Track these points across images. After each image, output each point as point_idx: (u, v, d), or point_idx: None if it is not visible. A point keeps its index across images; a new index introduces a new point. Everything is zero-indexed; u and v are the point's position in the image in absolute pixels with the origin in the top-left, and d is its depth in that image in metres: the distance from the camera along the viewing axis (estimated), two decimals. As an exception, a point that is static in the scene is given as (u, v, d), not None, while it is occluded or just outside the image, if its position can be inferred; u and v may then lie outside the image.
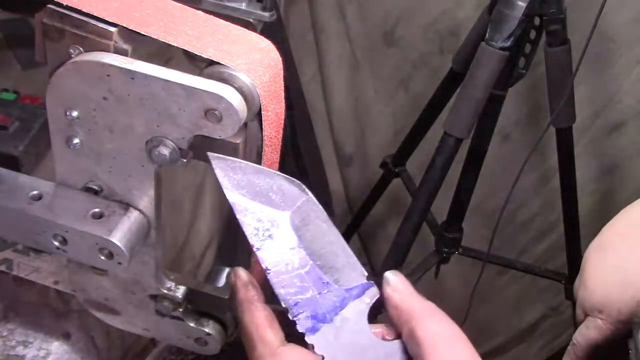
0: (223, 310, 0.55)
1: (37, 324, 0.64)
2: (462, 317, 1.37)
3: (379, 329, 0.45)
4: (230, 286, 0.46)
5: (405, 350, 0.43)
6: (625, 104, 1.31)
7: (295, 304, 0.43)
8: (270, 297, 0.45)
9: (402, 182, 1.44)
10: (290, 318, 0.44)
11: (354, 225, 1.67)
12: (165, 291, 0.54)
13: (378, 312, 0.45)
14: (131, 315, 0.57)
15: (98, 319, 0.59)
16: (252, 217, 0.44)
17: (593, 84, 1.30)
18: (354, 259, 0.45)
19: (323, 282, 0.44)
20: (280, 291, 0.44)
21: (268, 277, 0.43)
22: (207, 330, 0.55)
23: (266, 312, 0.44)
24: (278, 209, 0.45)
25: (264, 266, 0.43)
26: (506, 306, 1.63)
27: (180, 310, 0.55)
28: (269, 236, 0.44)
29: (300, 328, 0.43)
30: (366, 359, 0.43)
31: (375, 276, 0.45)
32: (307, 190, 0.45)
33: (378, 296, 0.45)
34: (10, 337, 0.63)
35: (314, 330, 0.43)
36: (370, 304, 0.44)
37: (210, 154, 0.44)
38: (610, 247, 0.59)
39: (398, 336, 0.44)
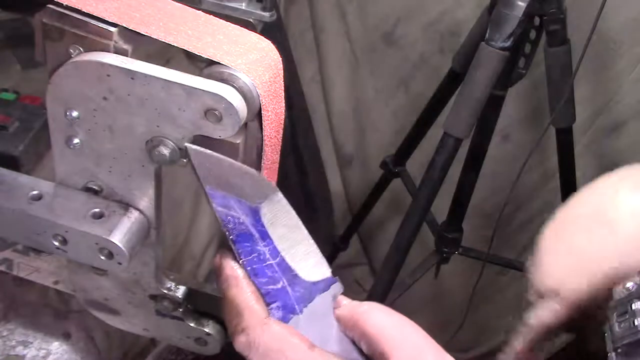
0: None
1: (37, 324, 0.64)
2: (462, 317, 1.37)
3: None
4: (215, 267, 0.46)
5: None
6: (625, 104, 1.31)
7: (267, 293, 0.44)
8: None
9: (402, 182, 1.44)
10: None
11: (354, 226, 1.67)
12: (165, 291, 0.54)
13: None
14: (131, 315, 0.57)
15: (98, 319, 0.59)
16: (227, 208, 0.45)
17: (593, 84, 1.30)
18: (319, 255, 0.47)
19: (292, 274, 0.45)
20: (252, 280, 0.44)
21: (243, 267, 0.45)
22: (207, 330, 0.55)
23: (253, 288, 0.44)
24: (251, 202, 0.46)
25: (237, 255, 0.44)
26: (506, 306, 1.63)
27: (180, 310, 0.55)
28: (242, 226, 0.45)
29: (271, 317, 0.44)
30: (334, 352, 0.44)
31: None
32: (277, 188, 0.47)
33: (342, 291, 0.47)
34: (10, 337, 0.63)
35: (284, 320, 0.44)
36: (336, 298, 0.46)
37: (188, 145, 0.45)
38: (566, 230, 0.59)
39: None
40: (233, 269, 0.45)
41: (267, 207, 0.46)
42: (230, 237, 0.44)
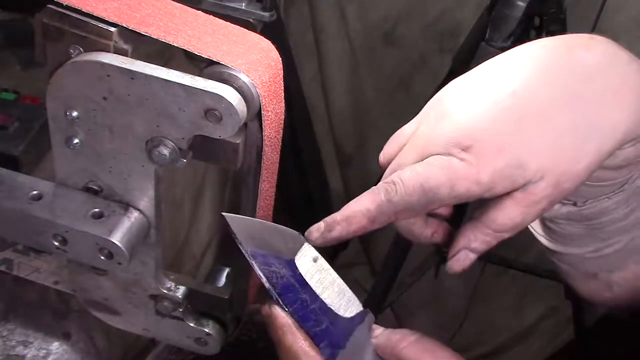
0: (223, 310, 0.55)
1: (37, 324, 0.64)
2: (462, 317, 1.38)
3: None
4: (264, 316, 0.49)
5: None
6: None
7: (315, 335, 0.47)
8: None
9: (402, 182, 1.43)
10: None
11: (354, 225, 1.67)
12: (165, 291, 0.54)
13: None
14: (131, 315, 0.57)
15: (98, 319, 0.59)
16: (268, 266, 0.48)
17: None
18: (349, 292, 0.51)
19: (332, 314, 0.48)
20: (302, 325, 0.48)
21: (290, 315, 0.48)
22: (207, 330, 0.55)
23: (305, 334, 0.47)
24: (285, 256, 0.49)
25: (283, 306, 0.47)
26: (506, 306, 1.63)
27: (180, 310, 0.55)
28: (284, 279, 0.48)
29: (323, 356, 0.47)
30: None
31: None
32: (302, 237, 0.50)
33: (374, 320, 0.50)
34: (10, 337, 0.63)
35: (333, 356, 0.47)
36: (371, 327, 0.50)
37: (225, 214, 0.47)
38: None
39: None
40: (285, 318, 0.47)
41: (299, 259, 0.49)
42: (276, 291, 0.47)
